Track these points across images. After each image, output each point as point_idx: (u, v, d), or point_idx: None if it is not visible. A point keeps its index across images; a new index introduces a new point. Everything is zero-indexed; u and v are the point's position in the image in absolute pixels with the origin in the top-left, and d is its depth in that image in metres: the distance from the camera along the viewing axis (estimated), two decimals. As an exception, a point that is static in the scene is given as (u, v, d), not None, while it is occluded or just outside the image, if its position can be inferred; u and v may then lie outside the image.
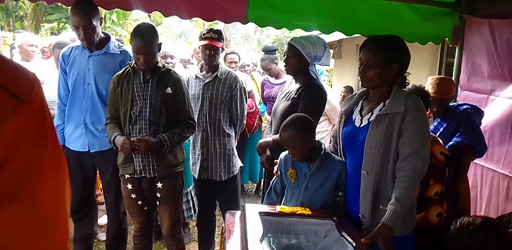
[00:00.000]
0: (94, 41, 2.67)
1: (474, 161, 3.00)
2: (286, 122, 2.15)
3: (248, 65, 4.83)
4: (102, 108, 2.73)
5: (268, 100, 4.47)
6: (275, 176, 2.29)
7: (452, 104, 2.93)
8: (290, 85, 2.75)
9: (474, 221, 1.98)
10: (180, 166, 2.63)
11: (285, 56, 2.62)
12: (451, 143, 2.73)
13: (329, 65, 2.98)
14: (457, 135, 2.73)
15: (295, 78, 2.68)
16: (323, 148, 2.16)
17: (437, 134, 2.79)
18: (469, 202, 3.01)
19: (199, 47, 2.94)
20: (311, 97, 2.50)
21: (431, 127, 2.86)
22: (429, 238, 2.24)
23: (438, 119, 2.86)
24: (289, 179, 2.17)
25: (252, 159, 4.79)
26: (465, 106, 2.85)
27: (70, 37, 3.93)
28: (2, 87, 0.66)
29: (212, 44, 2.85)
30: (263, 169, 4.77)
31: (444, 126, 2.80)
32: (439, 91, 2.83)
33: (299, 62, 2.58)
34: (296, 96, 2.55)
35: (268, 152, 2.64)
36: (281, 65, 4.58)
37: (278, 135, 2.57)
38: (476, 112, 2.82)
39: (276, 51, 4.65)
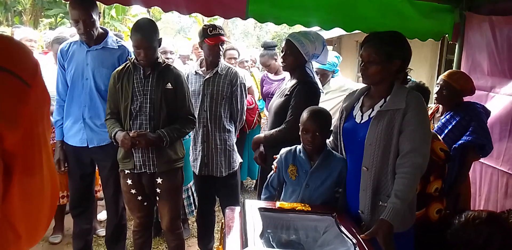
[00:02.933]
0: (93, 35, 2.67)
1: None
2: (315, 110, 2.15)
3: (247, 61, 4.81)
4: (100, 103, 2.73)
5: (267, 97, 4.46)
6: (272, 171, 2.29)
7: (466, 101, 2.90)
8: (287, 82, 2.75)
9: (480, 215, 1.96)
10: (180, 161, 2.64)
11: (283, 53, 2.62)
12: (461, 141, 2.69)
13: (325, 64, 2.99)
14: (468, 133, 2.68)
15: (291, 75, 2.68)
16: (325, 144, 2.16)
17: (449, 128, 2.76)
18: (469, 201, 3.01)
19: (205, 44, 2.88)
20: (302, 95, 2.50)
21: (443, 120, 2.84)
22: (429, 234, 2.25)
23: (451, 113, 2.81)
24: (290, 176, 2.16)
25: (251, 155, 4.78)
26: (476, 105, 2.83)
27: (70, 32, 3.92)
28: (12, 73, 0.68)
29: (222, 40, 2.87)
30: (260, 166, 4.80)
31: (457, 119, 2.74)
32: (449, 78, 2.81)
33: (296, 59, 2.58)
34: (288, 93, 2.56)
35: (261, 148, 2.65)
36: (280, 61, 4.57)
37: (270, 131, 2.59)
38: (484, 112, 2.81)
39: (276, 47, 4.64)
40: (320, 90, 2.61)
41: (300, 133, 2.15)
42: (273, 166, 2.28)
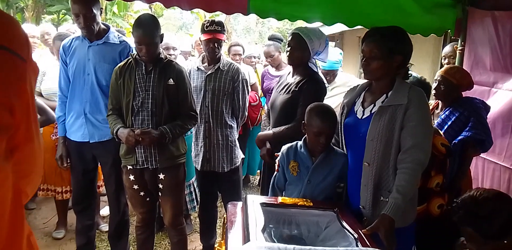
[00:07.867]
0: (93, 30, 2.67)
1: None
2: (324, 110, 2.13)
3: (254, 57, 4.80)
4: (101, 99, 2.73)
5: (268, 93, 4.44)
6: (275, 171, 2.28)
7: (465, 96, 2.89)
8: (287, 77, 2.73)
9: (486, 191, 1.86)
10: (182, 157, 2.64)
11: (290, 47, 2.59)
12: (461, 137, 2.68)
13: (325, 62, 2.99)
14: (467, 128, 2.67)
15: (295, 70, 2.66)
16: None
17: (448, 124, 2.75)
18: None
19: (201, 40, 2.92)
20: (312, 93, 2.49)
21: (442, 116, 2.83)
22: (430, 229, 2.25)
23: (450, 109, 2.80)
24: (291, 172, 2.16)
25: (251, 152, 4.79)
26: (475, 100, 2.82)
27: (75, 28, 3.90)
28: (11, 51, 0.69)
29: (216, 38, 2.85)
30: (262, 162, 4.79)
31: (456, 115, 2.73)
32: (446, 73, 2.79)
33: (303, 54, 2.58)
34: (297, 89, 2.53)
35: (268, 145, 2.63)
36: (284, 56, 4.56)
37: (279, 128, 2.56)
38: (483, 107, 2.80)
39: (282, 42, 4.64)
40: (327, 86, 2.62)
41: (309, 136, 2.12)
42: (275, 165, 2.28)
